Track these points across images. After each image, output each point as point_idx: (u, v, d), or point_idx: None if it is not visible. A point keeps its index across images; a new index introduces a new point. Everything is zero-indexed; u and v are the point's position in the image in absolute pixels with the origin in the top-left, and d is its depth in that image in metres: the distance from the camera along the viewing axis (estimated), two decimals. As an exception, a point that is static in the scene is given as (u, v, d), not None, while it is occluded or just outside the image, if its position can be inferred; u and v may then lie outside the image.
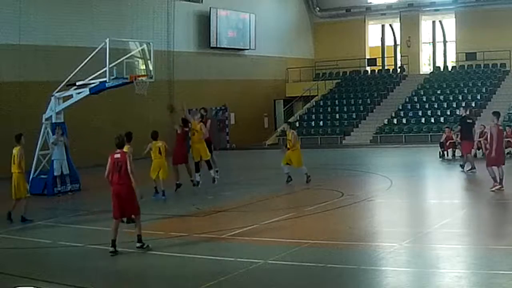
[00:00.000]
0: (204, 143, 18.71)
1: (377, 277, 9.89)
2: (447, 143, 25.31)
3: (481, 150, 25.18)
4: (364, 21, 42.32)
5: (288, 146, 19.83)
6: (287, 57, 40.92)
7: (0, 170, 22.37)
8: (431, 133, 32.29)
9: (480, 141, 25.19)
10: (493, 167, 16.48)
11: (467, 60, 38.47)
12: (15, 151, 15.41)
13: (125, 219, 13.38)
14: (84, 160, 24.12)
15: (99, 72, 19.55)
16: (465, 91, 36.23)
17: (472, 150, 21.51)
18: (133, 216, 12.20)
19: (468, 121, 21.50)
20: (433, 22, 41.66)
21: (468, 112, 22.32)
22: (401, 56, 41.11)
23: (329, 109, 38.53)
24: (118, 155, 11.89)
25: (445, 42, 41.71)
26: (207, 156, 18.71)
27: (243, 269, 10.29)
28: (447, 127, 26.46)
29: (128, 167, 11.80)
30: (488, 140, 17.37)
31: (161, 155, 17.61)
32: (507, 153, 25.00)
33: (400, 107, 36.58)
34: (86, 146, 25.78)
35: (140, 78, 19.87)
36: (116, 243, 11.59)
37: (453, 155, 25.15)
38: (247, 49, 37.65)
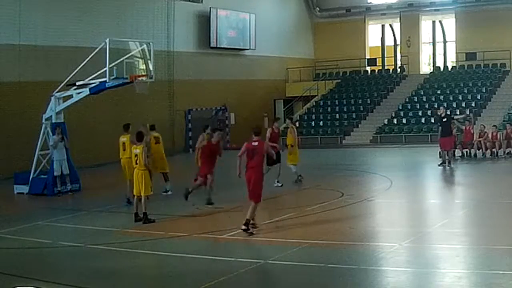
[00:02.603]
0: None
1: (377, 277, 9.90)
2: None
3: (481, 150, 25.23)
4: (364, 21, 42.27)
5: (291, 144, 19.70)
6: (287, 57, 40.86)
7: (0, 169, 22.63)
8: (431, 133, 32.23)
9: (480, 141, 25.26)
10: None
11: (467, 60, 38.43)
12: (126, 139, 16.83)
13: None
14: (84, 160, 24.14)
15: (99, 72, 19.55)
16: (465, 91, 36.19)
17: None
18: (253, 201, 12.78)
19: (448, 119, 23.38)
20: (433, 22, 41.61)
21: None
22: (401, 56, 41.07)
23: (329, 109, 38.50)
24: (255, 143, 12.75)
25: (445, 42, 41.68)
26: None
27: (243, 269, 10.29)
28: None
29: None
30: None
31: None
32: (507, 153, 25.08)
33: (400, 107, 36.56)
34: (86, 146, 25.79)
35: (140, 78, 19.88)
36: (249, 225, 12.51)
37: (453, 154, 25.13)
38: (247, 49, 37.62)
